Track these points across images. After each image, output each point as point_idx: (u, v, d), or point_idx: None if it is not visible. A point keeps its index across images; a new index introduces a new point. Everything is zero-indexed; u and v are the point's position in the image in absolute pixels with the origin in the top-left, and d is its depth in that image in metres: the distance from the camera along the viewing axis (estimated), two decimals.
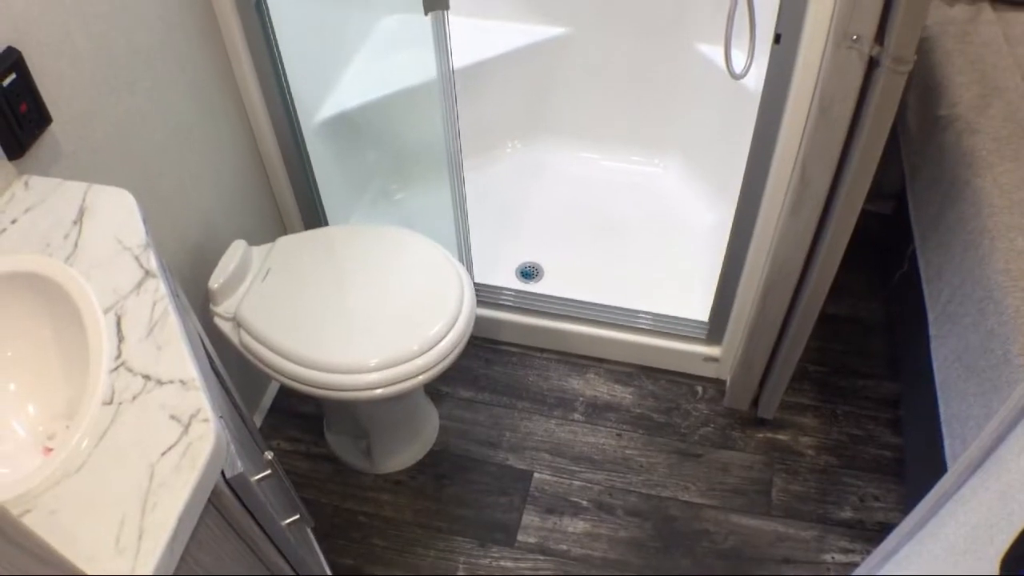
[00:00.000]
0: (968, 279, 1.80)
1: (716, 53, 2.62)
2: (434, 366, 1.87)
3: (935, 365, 1.89)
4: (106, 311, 1.14)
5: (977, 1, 2.45)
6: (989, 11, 2.40)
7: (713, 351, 2.41)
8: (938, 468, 1.81)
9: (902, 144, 2.37)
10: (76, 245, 1.25)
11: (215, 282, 1.92)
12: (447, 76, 2.02)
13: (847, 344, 2.56)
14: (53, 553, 0.77)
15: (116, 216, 1.29)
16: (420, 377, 1.86)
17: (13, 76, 1.34)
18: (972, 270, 1.79)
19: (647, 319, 2.42)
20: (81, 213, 1.30)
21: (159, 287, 1.17)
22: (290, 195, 2.33)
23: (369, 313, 1.92)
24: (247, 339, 1.90)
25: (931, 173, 2.11)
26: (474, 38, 2.78)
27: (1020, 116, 2.03)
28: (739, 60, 2.11)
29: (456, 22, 1.93)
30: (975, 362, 1.70)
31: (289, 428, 2.42)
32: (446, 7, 1.87)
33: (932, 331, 1.94)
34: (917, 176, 2.21)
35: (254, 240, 2.22)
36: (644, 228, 2.79)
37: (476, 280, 2.46)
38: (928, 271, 2.03)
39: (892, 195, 2.69)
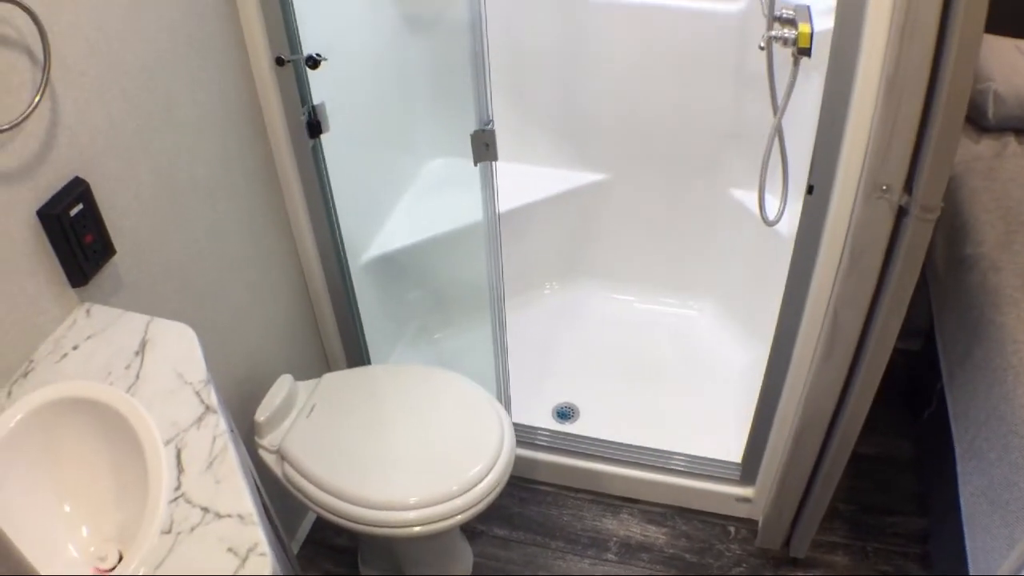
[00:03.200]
0: (993, 415, 1.80)
1: (750, 199, 2.69)
2: (473, 506, 1.89)
3: (962, 500, 1.89)
4: (167, 443, 1.19)
5: (1003, 135, 2.49)
6: (1014, 144, 2.44)
7: (746, 492, 2.42)
8: None
9: (930, 283, 2.39)
10: (138, 376, 1.30)
11: (261, 415, 1.97)
12: (493, 221, 2.10)
13: (876, 482, 2.56)
14: None
15: (177, 350, 1.35)
16: (458, 517, 1.88)
17: (80, 207, 1.40)
18: (997, 406, 1.80)
19: (681, 460, 2.44)
20: (143, 345, 1.35)
21: (219, 423, 1.22)
22: (335, 332, 2.40)
23: (410, 452, 1.96)
24: (291, 472, 1.94)
25: (958, 313, 2.13)
26: (517, 183, 2.88)
27: None
28: (772, 206, 2.17)
29: (500, 167, 2.01)
30: (999, 495, 1.70)
31: (324, 560, 2.43)
32: (495, 158, 1.96)
33: (959, 467, 1.94)
34: (944, 316, 2.23)
35: (298, 373, 2.28)
36: (679, 370, 2.83)
37: (513, 419, 2.50)
38: (955, 409, 2.04)
39: (920, 332, 2.71)
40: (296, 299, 2.25)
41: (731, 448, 2.43)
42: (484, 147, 1.95)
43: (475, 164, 1.97)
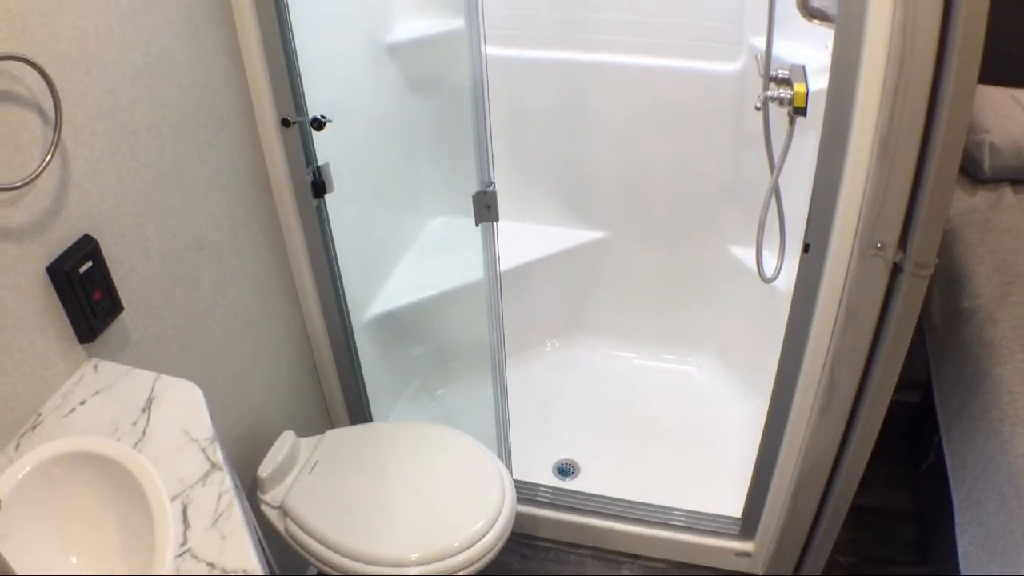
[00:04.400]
0: (990, 466, 1.81)
1: (748, 255, 2.72)
2: (474, 563, 1.89)
3: (960, 550, 1.88)
4: (173, 498, 1.20)
5: (999, 186, 2.48)
6: (1010, 195, 2.44)
7: (746, 546, 2.42)
8: None
9: (927, 336, 2.39)
10: (144, 432, 1.31)
11: (264, 471, 1.98)
12: (495, 281, 2.12)
13: (876, 533, 2.56)
14: None
15: (184, 407, 1.36)
16: (460, 573, 1.88)
17: (89, 264, 1.42)
18: (993, 457, 1.80)
19: (681, 516, 2.45)
20: (150, 402, 1.37)
21: (224, 480, 1.23)
22: (337, 388, 2.41)
23: (412, 509, 1.97)
24: (293, 528, 1.94)
25: (955, 365, 2.13)
26: (517, 241, 2.92)
27: None
28: (770, 263, 2.19)
29: (500, 225, 2.04)
30: (995, 544, 1.70)
31: None
32: (496, 219, 1.99)
33: (957, 517, 1.94)
34: (942, 368, 2.23)
35: (300, 429, 2.29)
36: (678, 425, 2.84)
37: (514, 476, 2.50)
38: (953, 460, 2.04)
39: (919, 384, 2.71)
40: (299, 356, 2.27)
41: (731, 502, 2.43)
42: (486, 208, 1.98)
43: (476, 225, 2.00)
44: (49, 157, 1.28)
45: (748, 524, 2.38)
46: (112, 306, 1.50)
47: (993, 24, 1.38)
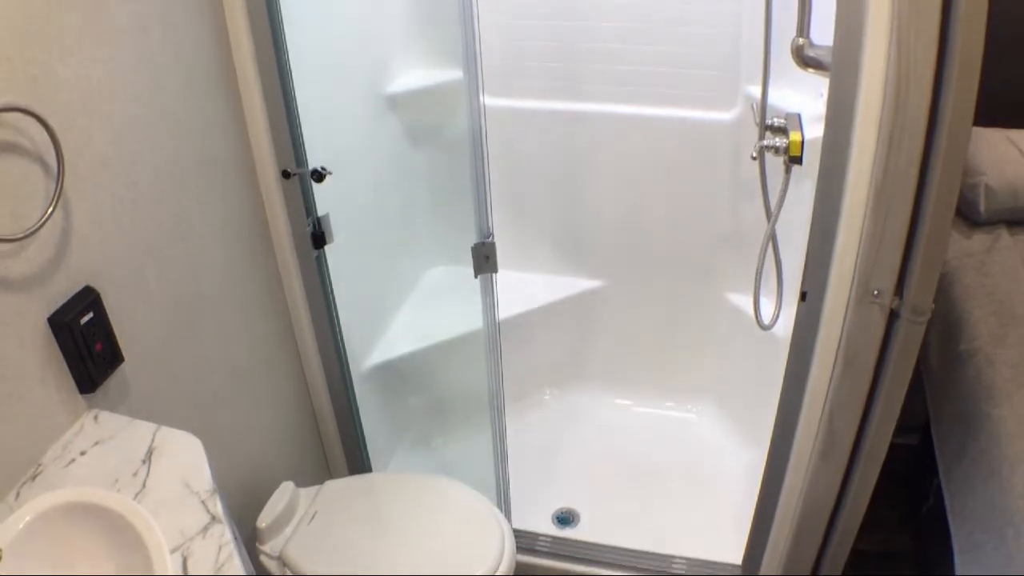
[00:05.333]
0: (989, 508, 1.80)
1: (746, 302, 2.72)
2: None
3: None
4: (173, 550, 1.20)
5: (995, 228, 2.48)
6: (1006, 236, 2.44)
7: None
8: None
9: (925, 380, 2.39)
10: (144, 484, 1.31)
11: (263, 521, 1.98)
12: (494, 331, 2.13)
13: None
14: None
15: (184, 459, 1.37)
16: None
17: (90, 315, 1.43)
18: (993, 498, 1.79)
19: (681, 564, 2.43)
20: (150, 453, 1.37)
21: (224, 532, 1.23)
22: (336, 438, 2.41)
23: (411, 559, 1.96)
24: None
25: (953, 408, 2.12)
26: (516, 290, 2.93)
27: None
28: (767, 310, 2.20)
29: (499, 275, 2.05)
30: None
31: None
32: (495, 270, 2.00)
33: (957, 559, 1.93)
34: (940, 412, 2.22)
35: (299, 478, 2.28)
36: (678, 473, 2.83)
37: (514, 525, 2.49)
38: (952, 504, 2.03)
39: (918, 427, 2.71)
40: (298, 406, 2.27)
41: (731, 549, 2.41)
42: (485, 259, 1.99)
43: (476, 276, 2.01)
44: (51, 209, 1.29)
45: (749, 571, 2.36)
46: (113, 357, 1.50)
47: (987, 65, 1.39)
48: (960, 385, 2.10)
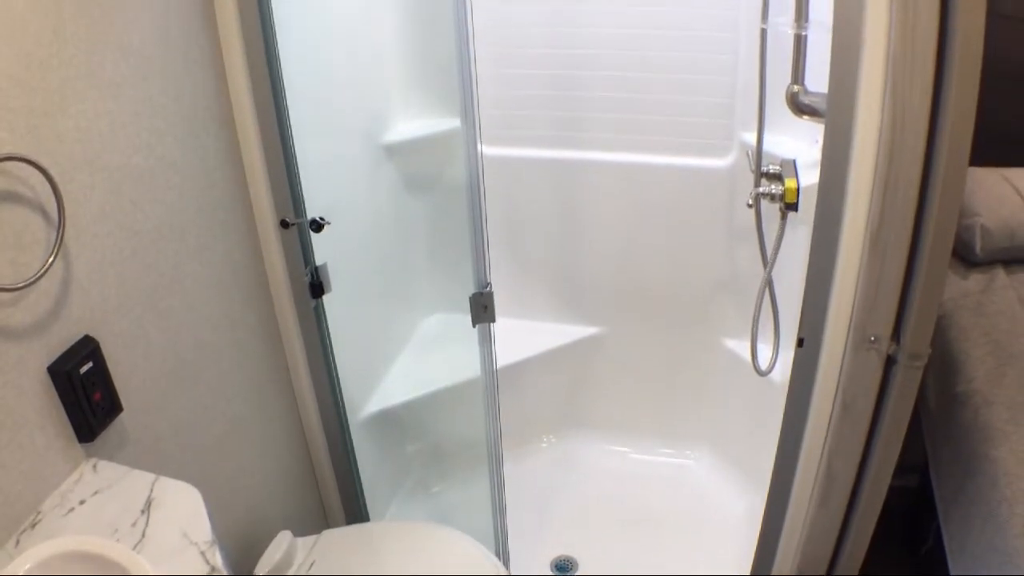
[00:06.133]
0: (988, 548, 1.79)
1: (743, 348, 2.73)
2: None
3: None
4: None
5: (991, 268, 2.46)
6: (1003, 275, 2.43)
7: None
8: None
9: (923, 421, 2.37)
10: (144, 534, 1.31)
11: (260, 571, 1.96)
12: (491, 380, 2.13)
13: None
14: None
15: (183, 510, 1.36)
16: None
17: (90, 364, 1.42)
18: (992, 539, 1.78)
19: None
20: (149, 503, 1.37)
21: None
22: (334, 487, 2.40)
23: None
24: None
25: (951, 450, 2.11)
26: (513, 337, 2.92)
27: None
28: (764, 356, 2.21)
29: (497, 322, 2.05)
30: None
31: None
32: (492, 320, 2.00)
33: None
34: (938, 452, 2.21)
35: (296, 527, 2.27)
36: (676, 519, 2.82)
37: (512, 574, 2.48)
38: (951, 544, 2.01)
39: (916, 468, 2.69)
40: (296, 454, 2.26)
41: None
42: (483, 309, 1.99)
43: (473, 326, 2.02)
44: (52, 259, 1.30)
45: None
46: (112, 406, 1.50)
47: (981, 102, 1.39)
48: (958, 426, 2.10)
